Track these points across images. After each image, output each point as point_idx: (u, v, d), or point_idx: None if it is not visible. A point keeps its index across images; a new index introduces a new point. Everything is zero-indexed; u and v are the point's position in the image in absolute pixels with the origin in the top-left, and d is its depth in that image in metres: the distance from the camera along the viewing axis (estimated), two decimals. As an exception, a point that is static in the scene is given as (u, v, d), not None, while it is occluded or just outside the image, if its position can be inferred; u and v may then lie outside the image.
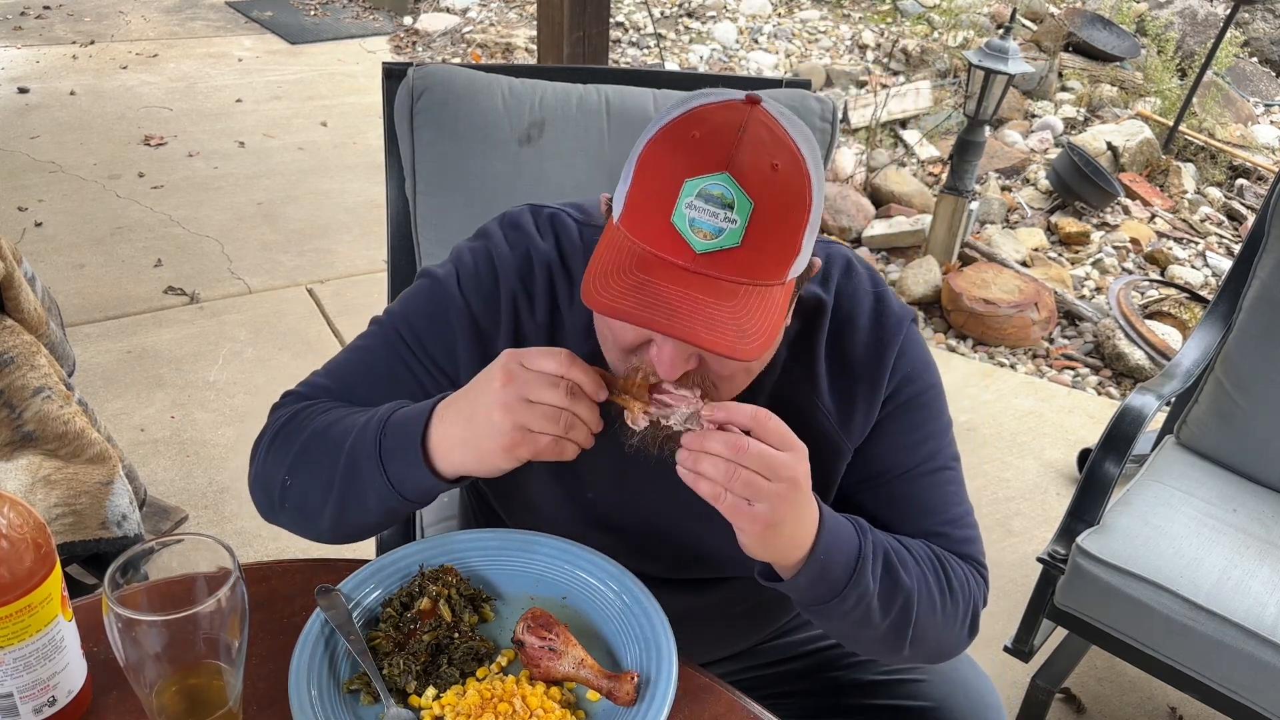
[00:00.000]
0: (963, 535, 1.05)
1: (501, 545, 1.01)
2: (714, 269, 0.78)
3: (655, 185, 0.80)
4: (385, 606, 0.94)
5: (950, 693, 1.15)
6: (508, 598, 0.98)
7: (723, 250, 0.77)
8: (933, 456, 1.04)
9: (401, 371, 1.01)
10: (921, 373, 1.03)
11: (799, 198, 0.80)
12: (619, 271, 0.79)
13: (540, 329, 1.00)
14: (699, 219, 0.77)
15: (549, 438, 0.83)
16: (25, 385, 1.83)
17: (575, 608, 0.96)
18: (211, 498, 2.43)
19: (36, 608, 0.78)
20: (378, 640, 0.91)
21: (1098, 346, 3.39)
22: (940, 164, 4.48)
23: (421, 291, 1.03)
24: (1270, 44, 5.85)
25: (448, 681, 0.88)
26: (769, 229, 0.78)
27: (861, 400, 1.01)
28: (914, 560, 0.98)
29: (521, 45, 5.64)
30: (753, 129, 0.79)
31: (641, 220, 0.80)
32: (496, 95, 1.47)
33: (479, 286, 1.00)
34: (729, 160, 0.77)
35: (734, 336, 0.77)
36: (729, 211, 0.77)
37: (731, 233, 0.77)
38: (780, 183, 0.78)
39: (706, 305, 0.77)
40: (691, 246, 0.78)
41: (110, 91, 4.97)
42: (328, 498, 0.94)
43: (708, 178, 0.77)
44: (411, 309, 1.03)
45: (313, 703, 0.84)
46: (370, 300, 3.29)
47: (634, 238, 0.80)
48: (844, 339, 1.01)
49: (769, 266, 0.80)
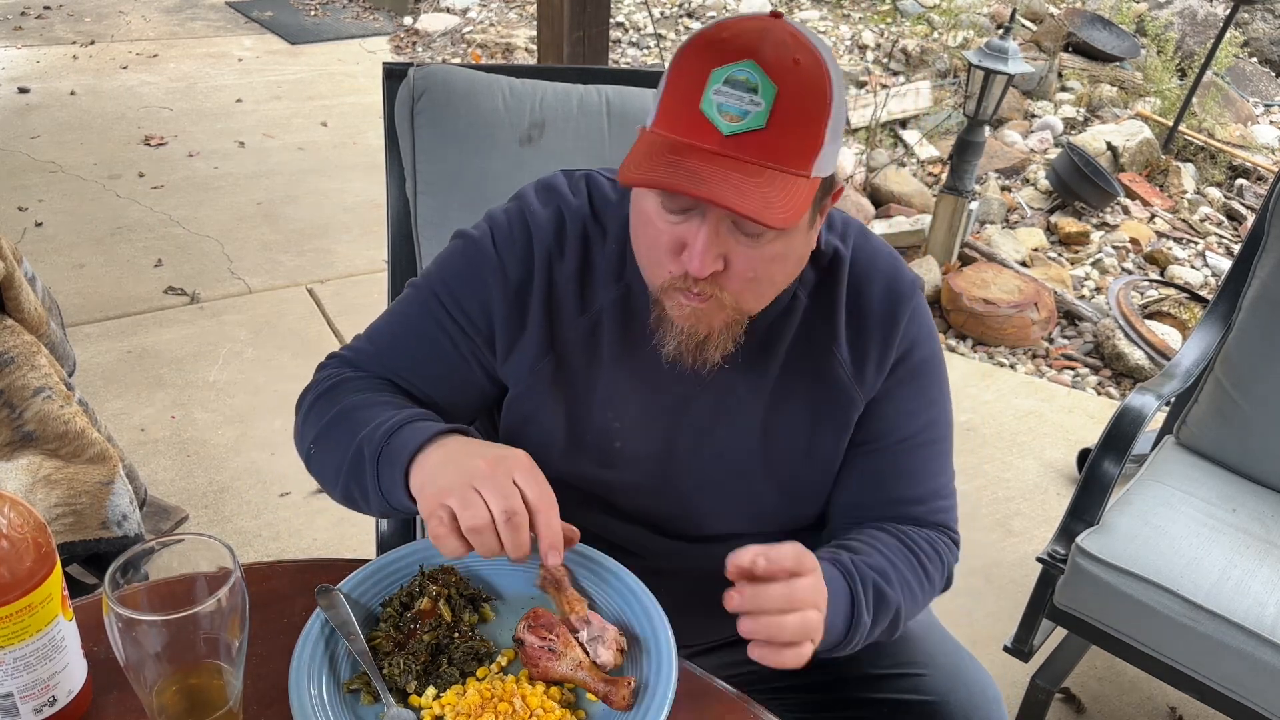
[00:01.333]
0: (940, 505, 1.11)
1: None
2: (740, 151, 0.83)
3: (684, 82, 0.85)
4: (385, 606, 0.95)
5: (952, 687, 1.16)
6: (508, 598, 0.98)
7: (749, 132, 0.83)
8: (931, 425, 1.10)
9: (438, 334, 1.05)
10: (928, 339, 1.09)
11: (820, 91, 0.85)
12: (651, 156, 0.85)
13: (571, 277, 1.03)
14: (726, 103, 0.83)
15: (474, 534, 0.86)
16: (26, 385, 1.83)
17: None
18: (211, 498, 2.43)
19: (37, 608, 0.78)
20: (378, 640, 0.91)
21: (1097, 346, 3.40)
22: (940, 164, 4.48)
23: (456, 252, 1.07)
24: (1270, 44, 5.85)
25: (448, 681, 0.88)
26: (792, 115, 0.83)
27: (874, 353, 1.05)
28: (894, 569, 1.03)
29: (521, 45, 5.64)
30: (776, 31, 0.85)
31: (672, 115, 0.86)
32: (497, 95, 1.47)
33: (512, 243, 1.03)
34: (754, 50, 0.83)
35: (759, 203, 0.82)
36: (754, 95, 0.82)
37: (757, 115, 0.82)
38: (803, 75, 0.84)
39: (734, 178, 0.82)
40: (719, 129, 0.83)
41: (110, 91, 4.97)
42: (337, 479, 1.00)
43: (734, 65, 0.83)
44: (447, 270, 1.06)
45: (313, 703, 0.84)
46: (370, 300, 3.29)
47: (667, 132, 0.86)
48: (862, 293, 1.05)
49: (792, 153, 0.84)
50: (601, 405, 1.04)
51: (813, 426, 1.06)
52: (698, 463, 1.07)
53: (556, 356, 1.04)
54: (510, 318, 1.03)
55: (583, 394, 1.04)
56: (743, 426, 1.05)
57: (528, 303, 1.02)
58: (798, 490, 1.09)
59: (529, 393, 1.05)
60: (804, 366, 1.04)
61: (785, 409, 1.05)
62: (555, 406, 1.04)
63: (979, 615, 2.25)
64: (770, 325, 1.03)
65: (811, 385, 1.05)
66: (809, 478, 1.09)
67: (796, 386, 1.05)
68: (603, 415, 1.04)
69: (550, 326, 1.03)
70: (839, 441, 1.07)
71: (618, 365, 1.03)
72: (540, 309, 1.02)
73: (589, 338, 1.03)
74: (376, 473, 0.94)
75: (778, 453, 1.06)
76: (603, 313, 1.03)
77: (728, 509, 1.09)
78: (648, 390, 1.03)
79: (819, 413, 1.05)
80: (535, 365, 1.03)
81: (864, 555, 1.02)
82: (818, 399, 1.05)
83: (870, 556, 1.02)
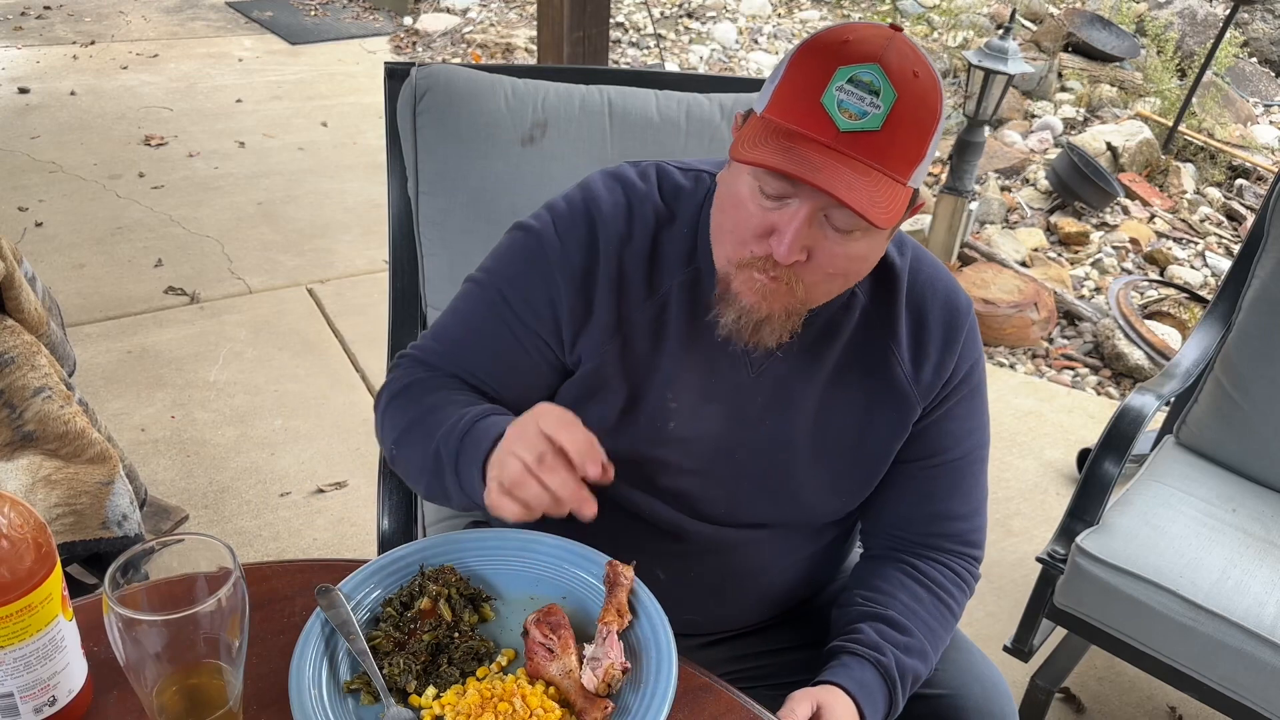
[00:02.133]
0: (978, 523, 1.17)
1: (501, 545, 1.02)
2: (853, 149, 0.85)
3: (806, 75, 0.88)
4: (386, 606, 0.95)
5: (964, 681, 1.17)
6: (508, 598, 0.98)
7: (864, 132, 0.85)
8: (981, 444, 1.15)
9: (504, 332, 1.06)
10: (981, 357, 1.13)
11: (932, 107, 0.88)
12: (766, 139, 0.87)
13: (640, 260, 1.04)
14: (847, 100, 0.85)
15: (516, 489, 0.88)
16: (26, 385, 1.83)
17: (574, 607, 0.96)
18: (211, 498, 2.43)
19: (37, 608, 0.78)
20: (378, 640, 0.91)
21: (1097, 346, 3.40)
22: (940, 164, 4.48)
23: (516, 244, 1.07)
24: (1270, 44, 5.85)
25: (448, 681, 0.88)
26: (905, 123, 0.86)
27: (933, 357, 1.08)
28: (931, 638, 1.10)
29: (521, 45, 5.63)
30: (899, 43, 0.88)
31: (790, 104, 0.88)
32: (499, 96, 1.47)
33: (576, 231, 1.04)
34: (880, 56, 0.86)
35: (867, 201, 0.85)
36: (875, 98, 0.85)
37: (874, 117, 0.85)
38: (920, 87, 0.87)
39: (845, 173, 0.85)
40: (836, 124, 0.85)
41: (110, 91, 4.97)
42: (420, 479, 1.03)
43: (860, 66, 0.85)
44: (509, 266, 1.07)
45: (313, 702, 0.84)
46: (370, 300, 3.29)
47: (780, 119, 0.88)
48: (924, 298, 1.09)
49: (899, 159, 0.87)
50: (661, 386, 1.06)
51: (866, 418, 1.08)
52: (747, 448, 1.08)
53: (623, 338, 1.05)
54: (576, 307, 1.04)
55: (645, 375, 1.06)
56: (796, 414, 1.07)
57: (594, 288, 1.03)
58: (842, 482, 1.11)
59: (595, 371, 1.06)
60: (861, 360, 1.07)
61: (839, 399, 1.07)
62: (618, 385, 1.06)
63: (979, 615, 2.25)
64: (830, 319, 1.05)
65: (867, 379, 1.07)
66: (856, 470, 1.11)
67: (852, 379, 1.07)
68: (661, 396, 1.06)
69: (618, 308, 1.04)
70: (892, 438, 1.09)
71: (681, 347, 1.05)
72: (608, 292, 1.04)
73: (655, 320, 1.05)
74: (456, 472, 0.96)
75: (829, 441, 1.08)
76: (670, 295, 1.04)
77: (769, 497, 1.11)
78: (706, 373, 1.05)
79: (874, 406, 1.08)
80: (603, 346, 1.04)
81: (904, 636, 1.07)
82: (873, 393, 1.07)
83: (911, 637, 1.08)
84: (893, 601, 1.10)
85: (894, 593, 1.11)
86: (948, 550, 1.14)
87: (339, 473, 2.53)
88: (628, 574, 0.94)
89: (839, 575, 1.31)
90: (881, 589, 1.12)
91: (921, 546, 1.14)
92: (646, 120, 1.51)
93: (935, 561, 1.14)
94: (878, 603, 1.11)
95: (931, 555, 1.14)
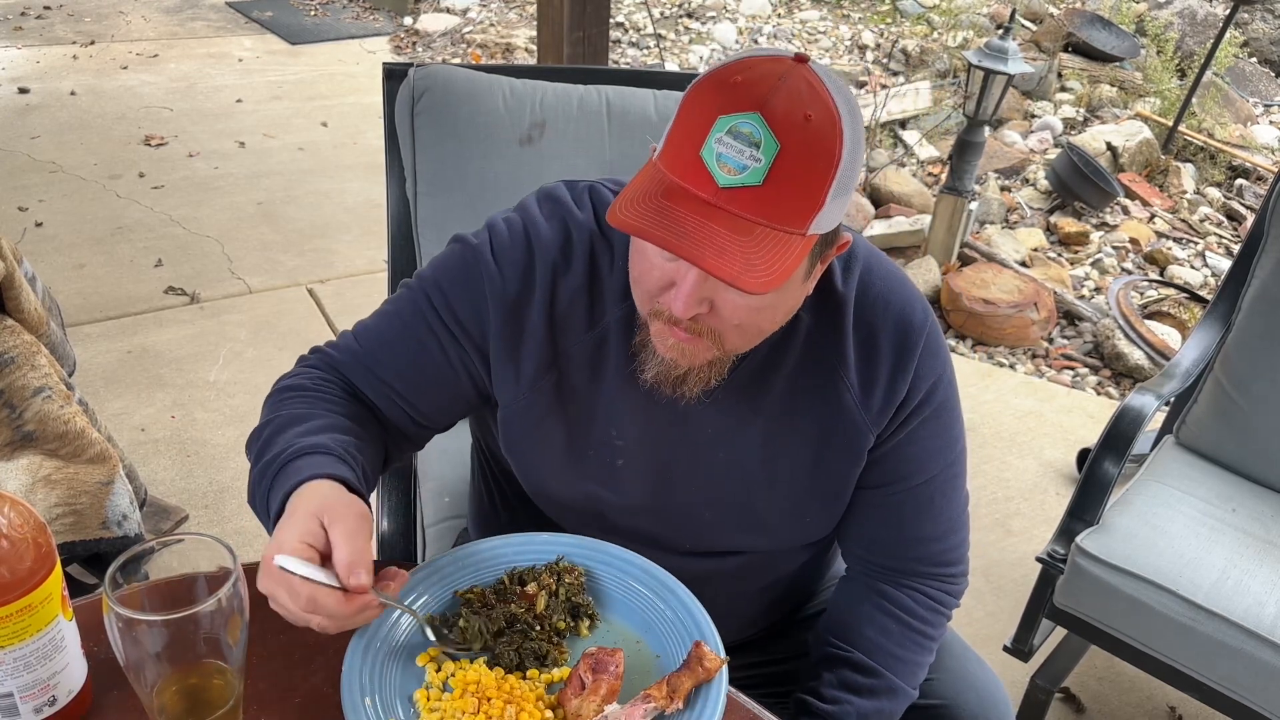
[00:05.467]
0: (955, 540, 1.12)
1: (642, 580, 0.98)
2: (734, 205, 0.81)
3: (691, 122, 0.83)
4: (509, 573, 0.97)
5: (961, 690, 1.16)
6: (614, 626, 0.96)
7: (744, 187, 0.81)
8: (953, 461, 1.09)
9: (429, 339, 1.02)
10: (943, 368, 1.06)
11: (827, 151, 0.82)
12: (646, 197, 0.84)
13: (578, 292, 1.01)
14: (726, 154, 0.81)
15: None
16: (25, 385, 1.83)
17: (662, 670, 0.90)
18: (211, 498, 2.43)
19: (37, 608, 0.78)
20: (473, 594, 0.93)
21: (1097, 346, 3.40)
22: (940, 164, 4.48)
23: (454, 257, 1.04)
24: (1270, 44, 5.84)
25: (505, 663, 0.89)
26: (792, 174, 0.81)
27: (883, 380, 1.03)
28: (908, 675, 1.10)
29: (521, 45, 5.63)
30: (793, 81, 0.82)
31: (674, 154, 0.84)
32: (497, 96, 1.47)
33: (513, 257, 1.01)
34: (763, 103, 0.80)
35: (740, 267, 0.80)
36: (755, 150, 0.80)
37: (755, 171, 0.80)
38: (811, 133, 0.81)
39: (719, 236, 0.81)
40: (715, 179, 0.81)
41: (110, 91, 4.97)
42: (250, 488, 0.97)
43: (739, 116, 0.80)
44: (443, 274, 1.04)
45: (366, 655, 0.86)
46: (370, 300, 3.27)
47: (665, 170, 0.84)
48: (873, 316, 1.03)
49: (788, 212, 0.82)
50: (604, 422, 1.03)
51: (819, 447, 1.04)
52: (697, 481, 1.06)
53: (559, 372, 1.02)
54: (505, 331, 1.01)
55: (586, 410, 1.03)
56: (745, 445, 1.04)
57: (526, 317, 1.00)
58: (803, 510, 1.08)
59: (530, 409, 1.03)
60: (809, 386, 1.03)
61: (788, 429, 1.04)
62: (556, 423, 1.03)
63: (979, 615, 2.25)
64: (773, 346, 1.01)
65: (816, 406, 1.03)
66: (814, 498, 1.08)
67: (800, 406, 1.03)
68: (605, 432, 1.03)
69: (554, 342, 1.01)
70: (848, 466, 1.06)
71: (622, 381, 1.02)
72: (542, 324, 1.01)
73: (595, 353, 1.02)
74: (266, 505, 0.92)
75: (782, 472, 1.05)
76: (609, 329, 1.01)
77: (732, 527, 1.09)
78: (651, 408, 1.02)
79: (825, 435, 1.04)
80: (537, 381, 1.02)
81: (869, 679, 1.07)
82: (824, 420, 1.03)
83: (876, 678, 1.08)
84: (859, 640, 1.09)
85: (861, 629, 1.10)
86: (922, 574, 1.12)
87: (339, 473, 2.53)
88: (710, 664, 0.87)
89: (823, 588, 1.30)
90: (850, 626, 1.11)
91: (895, 571, 1.12)
92: (645, 120, 1.51)
93: (908, 588, 1.11)
94: (843, 644, 1.10)
95: (905, 581, 1.11)
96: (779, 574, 1.17)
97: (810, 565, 1.20)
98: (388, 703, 0.84)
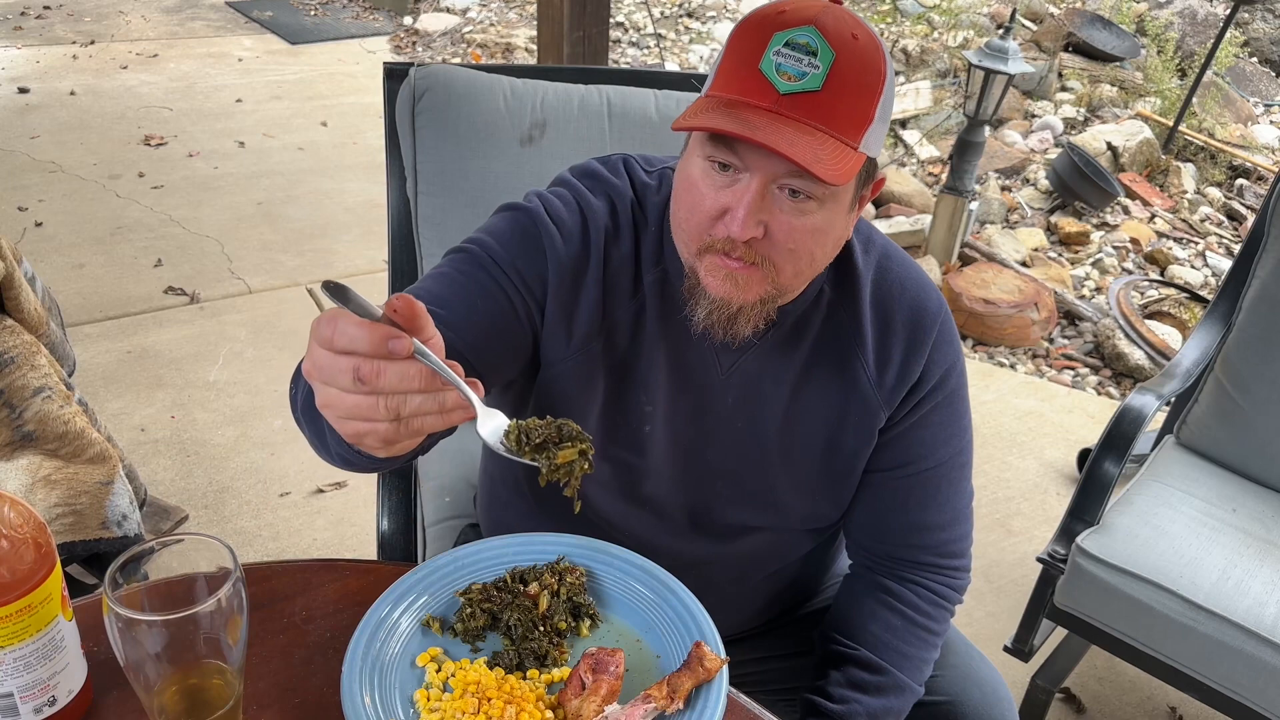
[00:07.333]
0: (960, 532, 1.14)
1: (643, 580, 0.98)
2: (795, 110, 0.85)
3: (744, 47, 0.88)
4: (510, 573, 0.97)
5: (965, 687, 1.17)
6: (615, 626, 0.95)
7: (805, 93, 0.85)
8: (960, 452, 1.12)
9: (493, 288, 0.99)
10: (956, 359, 1.09)
11: (875, 67, 0.87)
12: (708, 109, 0.87)
13: (626, 259, 1.03)
14: (785, 63, 0.85)
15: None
16: (25, 385, 1.83)
17: (663, 670, 0.90)
18: (211, 498, 2.43)
19: (36, 608, 0.78)
20: (475, 590, 0.93)
21: (1098, 346, 3.40)
22: (940, 164, 4.48)
23: (509, 221, 1.03)
24: (1270, 44, 5.84)
25: (504, 662, 0.89)
26: (847, 82, 0.86)
27: (896, 362, 1.05)
28: (913, 672, 1.10)
29: (521, 45, 5.63)
30: (834, 9, 0.88)
31: (730, 77, 0.88)
32: (498, 96, 1.47)
33: (571, 222, 1.02)
34: (815, 19, 0.86)
35: (811, 156, 0.84)
36: (813, 58, 0.85)
37: (814, 77, 0.85)
38: (860, 48, 0.86)
39: (788, 131, 0.84)
40: (776, 88, 0.85)
41: (110, 91, 4.97)
42: (302, 426, 0.92)
43: (795, 30, 0.85)
44: (501, 236, 1.01)
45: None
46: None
47: (721, 92, 0.88)
48: (890, 296, 1.06)
49: (844, 120, 0.86)
50: (637, 388, 1.05)
51: (833, 425, 1.06)
52: (719, 451, 1.07)
53: (605, 336, 1.03)
54: (561, 294, 1.01)
55: (623, 375, 1.05)
56: (766, 414, 1.06)
57: (582, 281, 1.01)
58: (814, 486, 1.10)
59: (575, 372, 1.04)
60: (828, 361, 1.05)
61: (808, 401, 1.06)
62: (597, 388, 1.04)
63: (979, 615, 2.25)
64: (799, 316, 1.03)
65: (835, 380, 1.05)
66: (825, 476, 1.09)
67: (820, 380, 1.05)
68: (637, 398, 1.05)
69: (604, 307, 1.03)
70: (860, 444, 1.07)
71: (654, 347, 1.04)
72: (596, 290, 1.02)
73: (635, 320, 1.04)
74: None
75: (797, 444, 1.07)
76: (646, 294, 1.03)
77: (747, 501, 1.10)
78: (677, 373, 1.04)
79: (841, 411, 1.06)
80: (587, 345, 1.03)
81: (875, 676, 1.08)
82: (840, 395, 1.06)
83: (882, 675, 1.08)
84: (865, 636, 1.10)
85: (866, 625, 1.11)
86: (926, 565, 1.13)
87: (338, 473, 2.53)
88: (710, 665, 0.86)
89: (826, 585, 1.30)
90: (855, 622, 1.12)
91: (899, 562, 1.13)
92: (645, 120, 1.51)
93: (911, 582, 1.13)
94: (849, 641, 1.11)
95: (908, 574, 1.13)
96: (784, 562, 1.18)
97: (814, 558, 1.21)
98: (388, 703, 0.84)
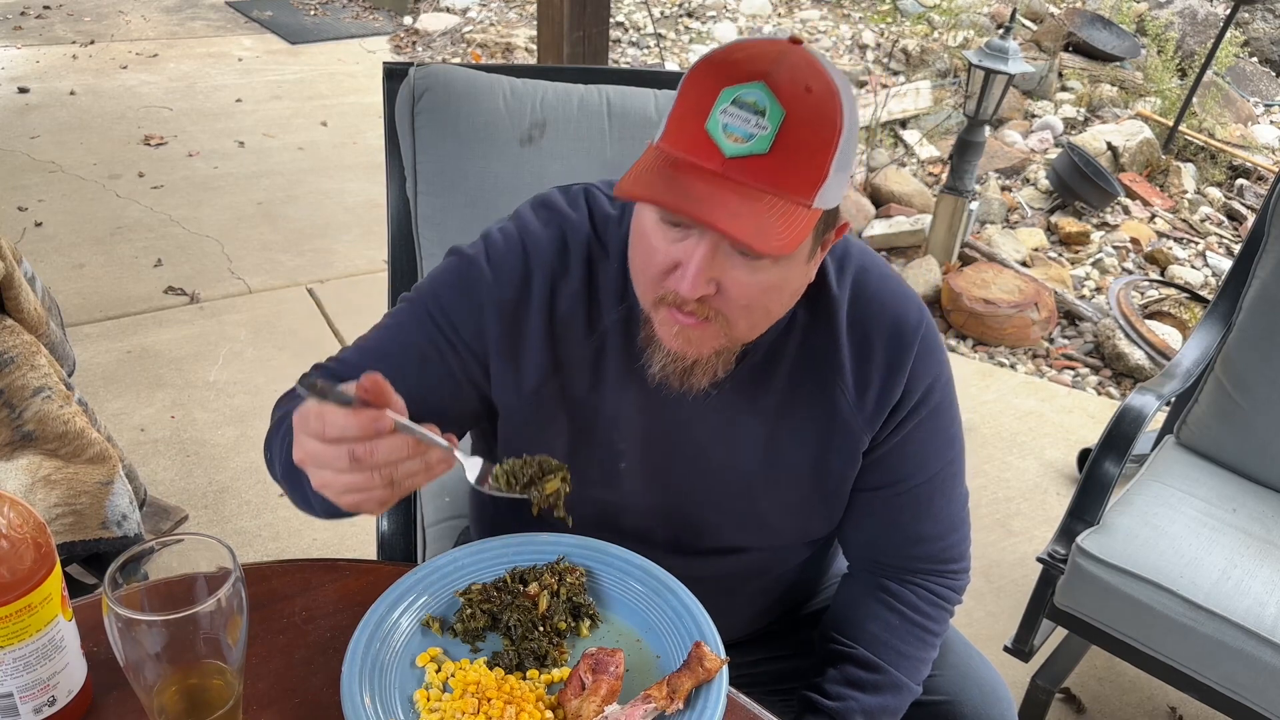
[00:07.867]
0: (956, 538, 1.13)
1: (643, 580, 0.98)
2: (742, 174, 0.81)
3: (693, 99, 0.83)
4: (510, 573, 0.97)
5: (964, 686, 1.17)
6: (615, 626, 0.95)
7: (751, 156, 0.80)
8: (949, 463, 1.09)
9: (431, 352, 1.01)
10: (940, 369, 1.06)
11: (829, 121, 0.82)
12: (651, 171, 0.83)
13: (577, 296, 1.01)
14: (731, 124, 0.81)
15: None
16: (25, 385, 1.83)
17: (663, 670, 0.90)
18: (211, 498, 2.43)
19: (36, 608, 0.78)
20: (474, 590, 0.93)
21: (1098, 346, 3.39)
22: (940, 164, 4.48)
23: (450, 269, 1.03)
24: (1270, 44, 5.84)
25: (503, 663, 0.89)
26: (798, 142, 0.81)
27: (877, 380, 1.02)
28: (911, 669, 1.10)
29: (521, 45, 5.63)
30: (792, 57, 0.83)
31: (677, 132, 0.84)
32: (498, 95, 1.47)
33: (509, 263, 1.00)
34: (766, 74, 0.81)
35: (754, 230, 0.80)
36: (760, 118, 0.80)
37: (761, 139, 0.80)
38: (813, 102, 0.82)
39: (732, 201, 0.80)
40: (721, 150, 0.81)
41: (110, 91, 4.97)
42: (285, 483, 0.97)
43: (744, 86, 0.81)
44: (440, 286, 1.03)
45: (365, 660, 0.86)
46: (370, 300, 3.29)
47: (669, 148, 0.84)
48: (867, 318, 1.02)
49: (795, 181, 0.82)
50: (606, 426, 1.03)
51: (817, 449, 1.04)
52: (701, 481, 1.06)
53: (562, 378, 1.02)
54: (504, 339, 1.00)
55: (589, 415, 1.03)
56: (744, 446, 1.04)
57: (525, 323, 1.00)
58: (804, 510, 1.09)
59: (534, 415, 1.03)
60: (805, 388, 1.03)
61: (789, 428, 1.04)
62: (559, 428, 1.03)
63: (979, 615, 2.25)
64: (770, 347, 1.01)
65: (813, 408, 1.03)
66: (816, 498, 1.08)
67: (798, 410, 1.03)
68: (608, 436, 1.03)
69: (555, 348, 1.01)
70: (845, 469, 1.06)
71: (623, 385, 1.01)
72: (542, 330, 1.00)
73: (595, 358, 1.01)
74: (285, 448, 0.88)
75: (782, 471, 1.05)
76: (608, 333, 1.01)
77: (735, 526, 1.09)
78: (651, 410, 1.02)
79: (823, 438, 1.04)
80: (540, 388, 1.01)
81: (872, 674, 1.08)
82: (820, 422, 1.03)
83: (880, 674, 1.08)
84: (863, 635, 1.10)
85: (863, 624, 1.10)
86: (924, 570, 1.12)
87: (339, 473, 2.53)
88: (710, 665, 0.86)
89: (825, 586, 1.30)
90: (853, 622, 1.11)
91: (896, 569, 1.13)
92: (645, 120, 1.51)
93: (910, 584, 1.12)
94: (847, 640, 1.11)
95: (907, 577, 1.12)
96: (781, 571, 1.17)
97: (812, 563, 1.21)
98: (388, 703, 0.84)
